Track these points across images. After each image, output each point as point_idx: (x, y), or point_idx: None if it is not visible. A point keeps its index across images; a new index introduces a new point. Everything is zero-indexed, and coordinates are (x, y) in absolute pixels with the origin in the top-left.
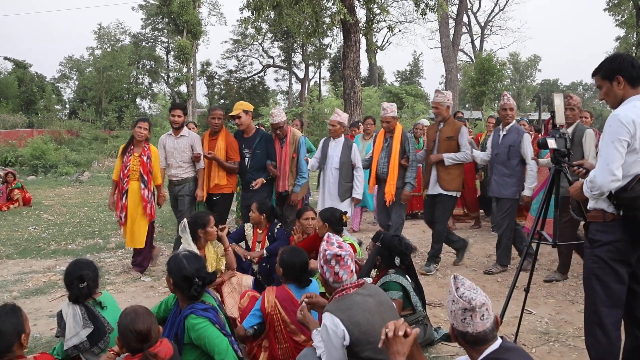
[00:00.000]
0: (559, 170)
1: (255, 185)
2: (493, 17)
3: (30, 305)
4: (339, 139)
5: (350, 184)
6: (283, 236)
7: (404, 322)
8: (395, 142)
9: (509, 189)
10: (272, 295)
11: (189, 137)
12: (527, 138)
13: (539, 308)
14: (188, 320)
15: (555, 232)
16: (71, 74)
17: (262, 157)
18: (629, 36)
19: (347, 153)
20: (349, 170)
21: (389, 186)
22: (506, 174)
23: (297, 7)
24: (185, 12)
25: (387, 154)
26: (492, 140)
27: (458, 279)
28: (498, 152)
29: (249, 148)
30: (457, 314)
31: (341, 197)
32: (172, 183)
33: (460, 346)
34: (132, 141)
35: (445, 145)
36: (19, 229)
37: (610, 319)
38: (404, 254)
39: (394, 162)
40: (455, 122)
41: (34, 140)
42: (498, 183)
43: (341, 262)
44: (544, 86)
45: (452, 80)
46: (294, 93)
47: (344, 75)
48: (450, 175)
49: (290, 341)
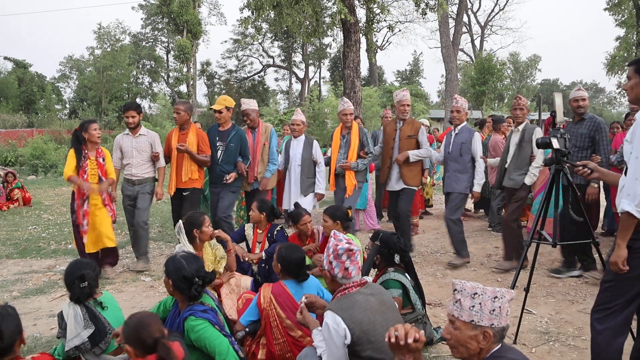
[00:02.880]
0: (560, 170)
1: (229, 179)
2: (493, 17)
3: (30, 305)
4: (300, 137)
5: (313, 180)
6: (282, 238)
7: (413, 327)
8: (354, 138)
9: (461, 184)
10: (268, 291)
11: (149, 135)
12: (478, 137)
13: (539, 308)
14: (187, 322)
15: (555, 232)
16: (71, 74)
17: (235, 151)
18: (629, 36)
19: (308, 150)
20: (310, 167)
21: (349, 180)
22: (458, 170)
23: (297, 7)
24: (185, 11)
25: (345, 150)
26: (445, 140)
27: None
28: (451, 150)
29: (223, 141)
30: (504, 309)
31: (304, 192)
32: (131, 182)
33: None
34: (85, 144)
35: (406, 144)
36: (19, 229)
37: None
38: (404, 251)
39: (352, 157)
40: (415, 122)
41: (34, 140)
42: (451, 179)
43: (352, 257)
44: (544, 86)
45: (452, 80)
46: (294, 93)
47: (344, 75)
48: (412, 172)
49: (287, 336)
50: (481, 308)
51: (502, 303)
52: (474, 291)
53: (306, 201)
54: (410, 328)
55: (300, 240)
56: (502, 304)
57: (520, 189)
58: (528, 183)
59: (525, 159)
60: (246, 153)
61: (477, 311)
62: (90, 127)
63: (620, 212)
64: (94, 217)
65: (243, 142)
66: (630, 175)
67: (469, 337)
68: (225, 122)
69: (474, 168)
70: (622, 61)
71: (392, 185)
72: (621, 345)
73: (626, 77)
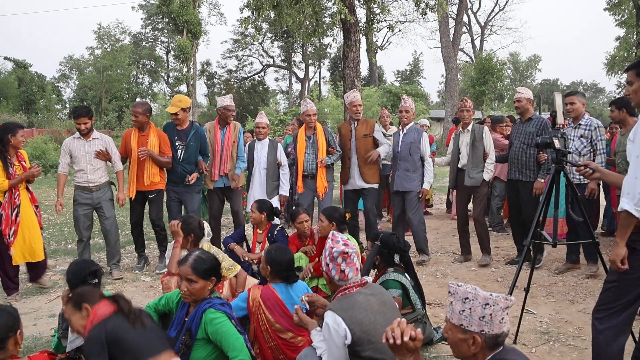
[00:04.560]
0: (560, 170)
1: (191, 180)
2: (493, 17)
3: (30, 305)
4: (264, 140)
5: (277, 182)
6: (282, 239)
7: (409, 325)
8: (320, 138)
9: (412, 183)
10: (257, 294)
11: (102, 139)
12: (426, 137)
13: (539, 308)
14: (206, 315)
15: (555, 231)
16: (71, 74)
17: (195, 150)
18: (629, 36)
19: (273, 153)
20: (275, 169)
21: (320, 180)
22: (409, 169)
23: (297, 7)
24: (185, 11)
25: (313, 150)
26: (394, 140)
27: (459, 286)
28: (400, 150)
29: (182, 140)
30: (497, 316)
31: (269, 195)
32: (87, 190)
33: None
34: (7, 150)
35: (363, 143)
36: None
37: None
38: (404, 251)
39: (321, 156)
40: (368, 121)
41: (34, 140)
42: (402, 178)
43: (348, 259)
44: (544, 86)
45: (452, 80)
46: (294, 93)
47: (344, 75)
48: (371, 170)
49: (278, 339)
50: (470, 313)
51: (494, 310)
52: (466, 295)
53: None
54: (406, 326)
55: (300, 241)
56: (493, 312)
57: (481, 185)
58: (486, 179)
59: (479, 157)
60: (206, 151)
61: (467, 316)
62: (18, 133)
63: (619, 210)
64: (26, 226)
65: (203, 141)
66: (630, 174)
67: (459, 339)
68: (183, 122)
69: (424, 167)
70: (622, 61)
71: (354, 184)
72: (622, 345)
73: (626, 82)
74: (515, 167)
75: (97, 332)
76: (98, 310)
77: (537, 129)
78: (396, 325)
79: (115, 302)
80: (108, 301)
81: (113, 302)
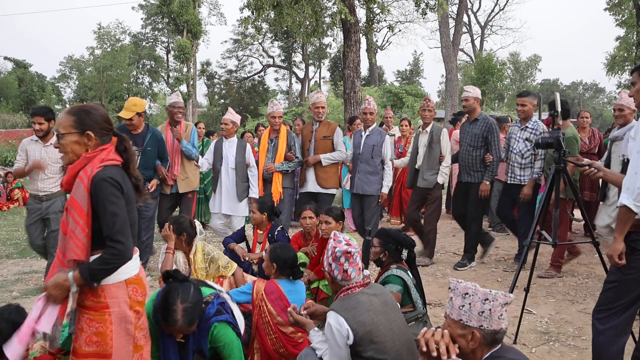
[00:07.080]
0: (560, 170)
1: (151, 188)
2: (493, 17)
3: (30, 305)
4: (232, 138)
5: (247, 184)
6: (283, 239)
7: (445, 333)
8: (282, 142)
9: (373, 186)
10: (261, 286)
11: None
12: (388, 140)
13: (539, 308)
14: (213, 332)
15: (555, 231)
16: (71, 74)
17: (153, 155)
18: (629, 36)
19: (241, 152)
20: (244, 170)
21: (275, 185)
22: (370, 172)
23: (297, 7)
24: (185, 11)
25: (273, 154)
26: (354, 141)
27: (459, 283)
28: (361, 152)
29: (139, 145)
30: (496, 312)
31: (239, 197)
32: (38, 199)
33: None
34: None
35: (321, 145)
36: (19, 229)
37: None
38: (412, 246)
39: (279, 161)
40: (330, 123)
41: None
42: (362, 181)
43: (350, 259)
44: (544, 86)
45: (452, 80)
46: (294, 93)
47: (344, 75)
48: (327, 174)
49: (279, 332)
50: (470, 308)
51: (493, 306)
52: (466, 291)
53: (241, 206)
54: (449, 342)
55: (304, 240)
56: (492, 307)
57: (434, 188)
58: (440, 182)
59: (435, 159)
60: (165, 155)
61: (466, 311)
62: None
63: (618, 205)
64: None
65: (161, 144)
66: (630, 169)
67: (458, 335)
68: (138, 126)
69: (384, 170)
70: (622, 61)
71: (308, 187)
72: (622, 346)
73: (630, 83)
74: (464, 169)
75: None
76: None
77: (482, 130)
78: (430, 335)
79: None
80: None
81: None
